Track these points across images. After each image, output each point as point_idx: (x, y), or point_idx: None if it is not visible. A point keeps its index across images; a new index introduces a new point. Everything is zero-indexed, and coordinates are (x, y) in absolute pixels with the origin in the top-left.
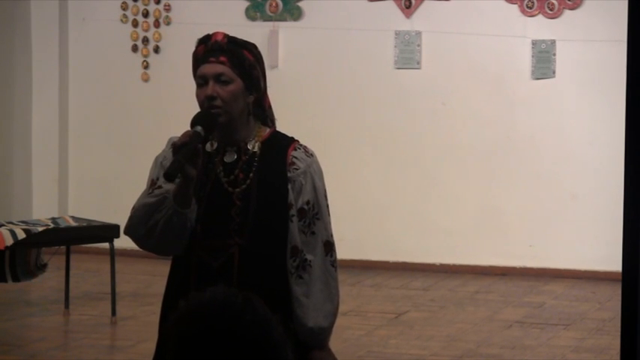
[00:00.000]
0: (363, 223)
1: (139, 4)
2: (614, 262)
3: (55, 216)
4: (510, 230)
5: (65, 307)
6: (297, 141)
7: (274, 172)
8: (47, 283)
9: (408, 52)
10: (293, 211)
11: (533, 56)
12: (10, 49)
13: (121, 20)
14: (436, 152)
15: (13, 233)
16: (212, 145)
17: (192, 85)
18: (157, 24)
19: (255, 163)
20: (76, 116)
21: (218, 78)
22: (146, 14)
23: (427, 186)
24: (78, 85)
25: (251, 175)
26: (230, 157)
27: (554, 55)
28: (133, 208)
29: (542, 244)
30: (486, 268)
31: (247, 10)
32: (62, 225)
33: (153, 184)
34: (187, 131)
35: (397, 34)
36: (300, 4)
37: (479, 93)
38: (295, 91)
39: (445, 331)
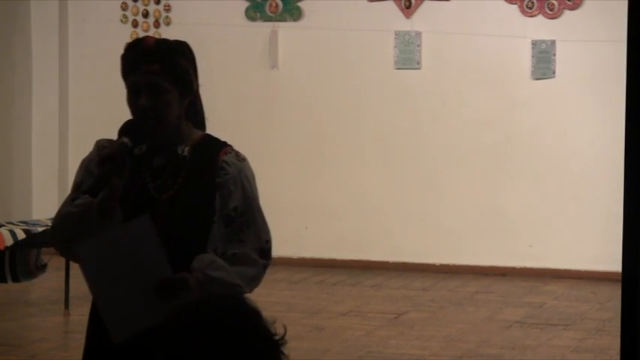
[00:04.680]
0: (363, 223)
1: (139, 4)
2: (614, 262)
3: None
4: (510, 230)
5: (65, 307)
6: (230, 146)
7: (203, 177)
8: (47, 283)
9: (408, 52)
10: (216, 217)
11: (533, 56)
12: (10, 49)
13: (121, 20)
14: (436, 152)
15: (13, 233)
16: (141, 148)
17: None
18: (156, 24)
19: (184, 168)
20: (76, 116)
21: (151, 88)
22: (146, 14)
23: (427, 186)
24: (78, 85)
25: (179, 180)
26: (158, 162)
27: (554, 55)
28: (56, 216)
29: (542, 244)
30: (486, 268)
31: (247, 10)
32: None
33: (77, 188)
34: (114, 142)
35: (397, 34)
36: (300, 4)
37: (479, 93)
38: (295, 92)
39: (445, 331)
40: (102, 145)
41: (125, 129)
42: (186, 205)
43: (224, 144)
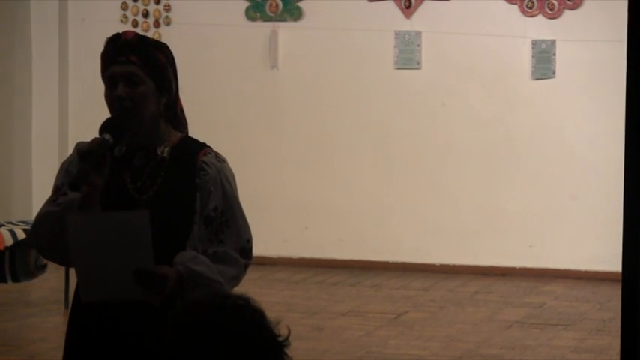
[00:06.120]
0: (363, 223)
1: (139, 4)
2: (614, 262)
3: None
4: (510, 230)
5: (65, 307)
6: (209, 147)
7: (183, 178)
8: (47, 283)
9: (408, 52)
10: (197, 218)
11: (533, 56)
12: (10, 49)
13: (121, 20)
14: (436, 152)
15: (13, 233)
16: (120, 149)
17: (191, 85)
18: (156, 24)
19: (164, 170)
20: (76, 116)
21: (128, 78)
22: (146, 14)
23: (427, 186)
24: (78, 85)
25: (159, 181)
26: (138, 163)
27: (554, 55)
28: (37, 216)
29: (542, 244)
30: (486, 268)
31: (247, 10)
32: None
33: (57, 190)
34: (95, 138)
35: (397, 34)
36: (300, 4)
37: (479, 93)
38: (295, 92)
39: (445, 331)
40: (83, 142)
41: (106, 126)
42: (165, 205)
43: (203, 145)
